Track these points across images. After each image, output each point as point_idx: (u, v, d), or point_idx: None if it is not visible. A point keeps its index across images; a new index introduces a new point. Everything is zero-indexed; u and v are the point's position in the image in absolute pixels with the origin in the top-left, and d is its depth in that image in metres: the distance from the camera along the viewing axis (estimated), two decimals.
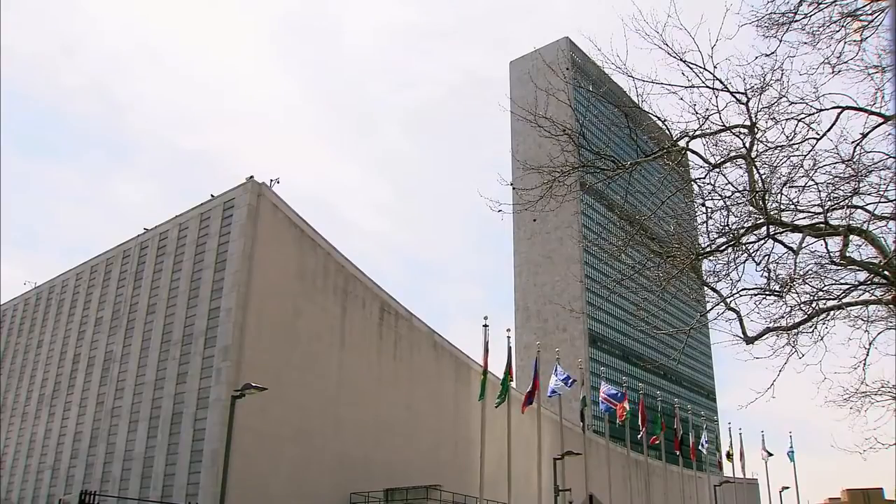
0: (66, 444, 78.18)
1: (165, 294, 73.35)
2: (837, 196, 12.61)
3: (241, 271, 66.25)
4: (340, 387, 69.05)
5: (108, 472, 70.36)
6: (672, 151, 13.41)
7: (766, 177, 12.72)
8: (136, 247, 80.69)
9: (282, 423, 61.34)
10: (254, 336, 64.39)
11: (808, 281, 13.50)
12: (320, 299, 71.19)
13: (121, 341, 76.49)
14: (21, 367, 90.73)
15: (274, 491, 53.42)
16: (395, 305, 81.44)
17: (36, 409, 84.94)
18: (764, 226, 12.81)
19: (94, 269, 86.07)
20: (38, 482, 79.79)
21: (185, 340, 68.45)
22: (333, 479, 64.00)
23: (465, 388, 79.62)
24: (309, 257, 72.06)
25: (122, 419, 72.02)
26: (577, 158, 13.60)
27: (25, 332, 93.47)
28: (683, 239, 14.28)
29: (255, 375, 27.46)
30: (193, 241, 73.13)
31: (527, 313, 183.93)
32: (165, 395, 67.99)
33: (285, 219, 71.74)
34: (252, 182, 70.48)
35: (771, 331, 13.76)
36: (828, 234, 12.81)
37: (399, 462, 69.39)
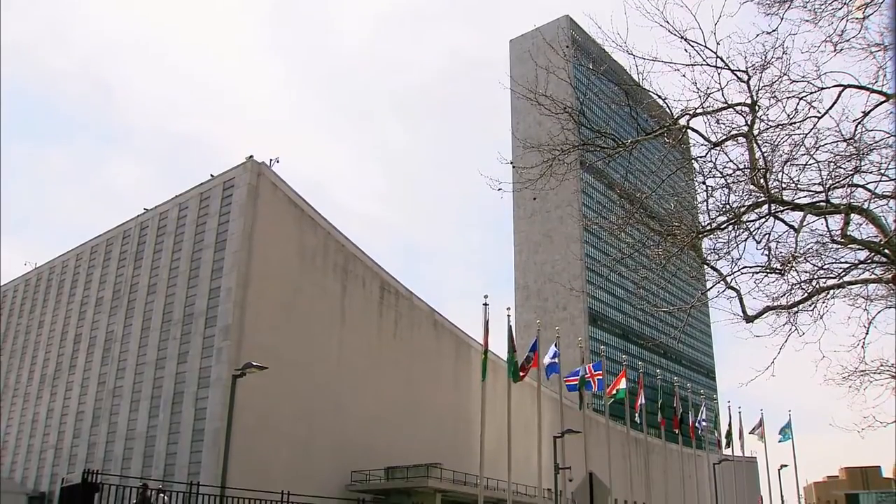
0: (68, 424, 78.49)
1: (166, 274, 73.38)
2: (838, 175, 12.56)
3: (242, 251, 66.23)
4: (341, 365, 69.22)
5: (111, 452, 70.69)
6: (672, 130, 13.35)
7: (768, 155, 12.68)
8: (136, 227, 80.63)
9: (283, 401, 61.53)
10: (254, 315, 64.48)
11: (809, 259, 13.48)
12: (320, 278, 71.22)
13: (121, 321, 76.60)
14: (22, 348, 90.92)
15: (275, 469, 53.65)
16: (395, 284, 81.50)
17: (38, 389, 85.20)
18: (765, 204, 12.77)
19: (95, 249, 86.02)
20: (42, 461, 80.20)
21: (186, 320, 68.56)
22: (334, 458, 64.29)
23: (465, 366, 79.83)
24: (309, 236, 72.01)
25: (123, 399, 72.26)
26: (578, 137, 13.54)
27: (26, 312, 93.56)
28: (684, 217, 14.24)
29: (256, 354, 27.54)
30: (193, 221, 73.06)
31: (527, 292, 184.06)
32: (166, 374, 68.18)
33: (285, 198, 71.63)
34: (252, 162, 70.30)
35: (771, 309, 13.76)
36: (829, 213, 12.77)
37: (399, 440, 69.69)
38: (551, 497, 44.80)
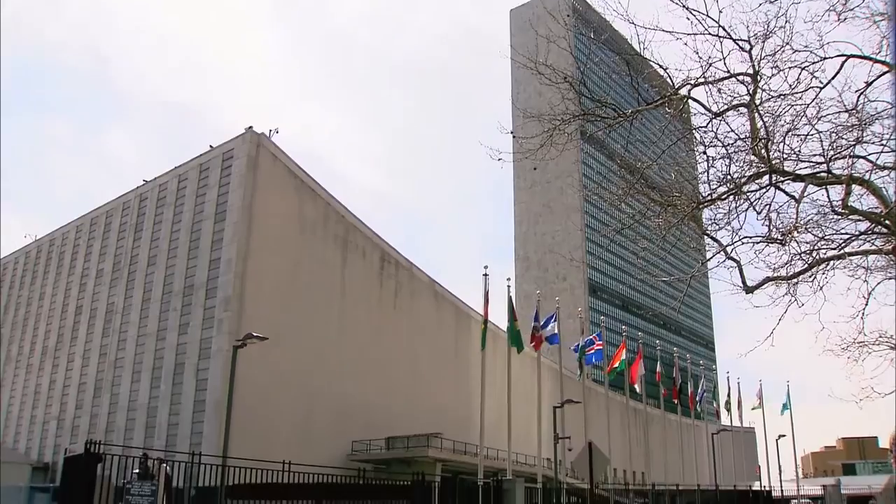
0: (70, 395, 78.90)
1: (166, 245, 73.39)
2: (840, 145, 12.49)
3: (241, 222, 66.20)
4: (341, 336, 69.40)
5: (113, 423, 71.13)
6: (673, 99, 13.26)
7: (769, 125, 12.60)
8: (136, 199, 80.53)
9: (284, 372, 61.77)
10: (254, 286, 64.57)
11: (810, 230, 13.46)
12: (320, 249, 71.23)
13: (122, 293, 76.74)
14: (24, 320, 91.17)
15: (277, 440, 54.01)
16: (395, 255, 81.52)
17: (40, 360, 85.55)
18: (766, 174, 12.72)
19: (94, 221, 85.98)
20: (45, 432, 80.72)
21: (186, 291, 68.68)
22: (335, 428, 64.65)
23: (465, 337, 80.00)
24: (309, 207, 71.92)
25: (125, 370, 72.57)
26: (578, 106, 13.45)
27: (27, 285, 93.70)
28: (684, 188, 14.20)
29: (257, 325, 27.65)
30: (193, 193, 72.96)
31: (527, 263, 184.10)
32: (167, 345, 68.41)
33: (284, 169, 71.47)
34: (251, 132, 70.06)
35: (771, 280, 13.76)
36: (830, 183, 12.73)
37: (400, 411, 70.03)
38: (551, 466, 45.14)
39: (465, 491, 24.91)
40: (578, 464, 22.32)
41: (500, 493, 24.55)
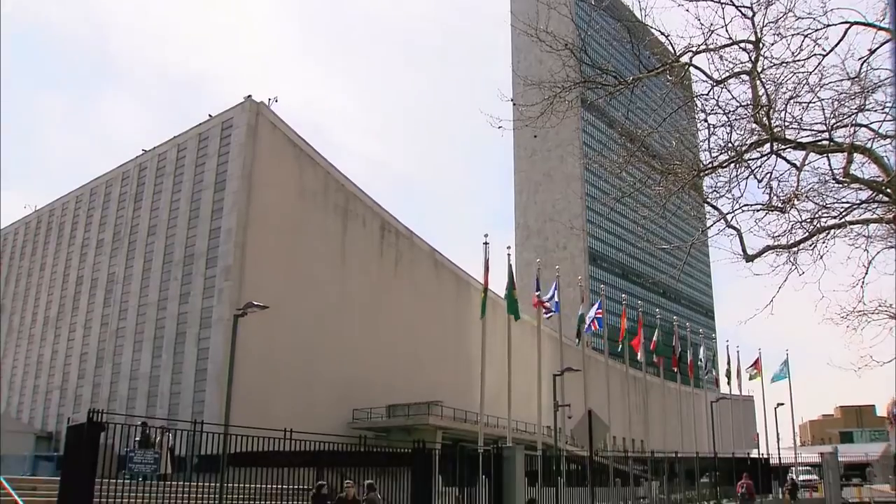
0: (72, 365, 79.31)
1: (166, 215, 73.38)
2: (842, 113, 12.42)
3: (241, 191, 66.14)
4: (342, 304, 69.58)
5: (115, 392, 71.57)
6: (675, 67, 13.16)
7: (771, 93, 12.51)
8: (135, 168, 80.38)
9: (285, 341, 62.00)
10: (255, 255, 64.65)
11: (811, 198, 13.43)
12: (321, 218, 71.20)
13: (122, 263, 76.85)
14: (25, 290, 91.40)
15: (278, 408, 54.34)
16: (396, 224, 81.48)
17: (42, 331, 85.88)
18: (767, 142, 12.66)
19: (94, 191, 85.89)
20: (48, 402, 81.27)
21: (187, 261, 68.78)
22: (336, 396, 65.02)
23: (465, 305, 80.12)
24: (308, 176, 71.79)
25: (126, 340, 72.87)
26: (579, 74, 13.36)
27: (28, 255, 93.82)
28: (685, 156, 14.14)
29: (257, 294, 27.74)
30: (192, 162, 72.83)
31: (527, 231, 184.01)
32: (168, 315, 68.63)
33: (284, 138, 71.26)
34: (250, 101, 69.77)
35: (771, 249, 13.75)
36: (831, 152, 12.68)
37: (400, 379, 70.37)
38: (551, 434, 45.47)
39: (465, 458, 25.07)
40: (578, 431, 22.49)
41: (500, 461, 24.71)
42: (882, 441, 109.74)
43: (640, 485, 38.51)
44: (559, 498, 28.07)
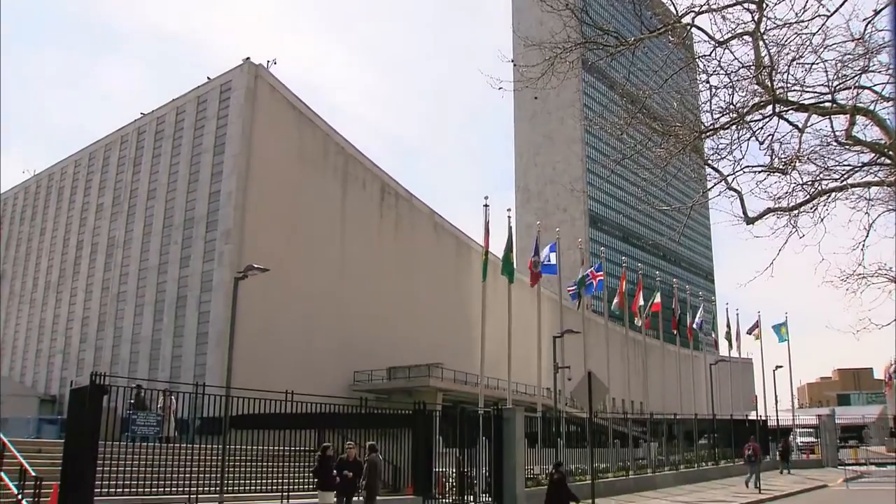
0: (74, 329, 79.62)
1: (165, 178, 73.22)
2: (845, 75, 12.29)
3: (241, 154, 65.95)
4: (342, 267, 69.71)
5: (117, 356, 71.95)
6: (677, 27, 13.02)
7: (774, 54, 12.38)
8: (134, 132, 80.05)
9: (285, 304, 62.19)
10: (255, 219, 64.62)
11: (812, 160, 13.36)
12: (320, 180, 71.05)
13: (122, 227, 76.85)
14: (26, 255, 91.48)
15: (279, 370, 54.61)
16: (395, 186, 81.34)
17: (43, 295, 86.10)
18: (769, 104, 12.56)
19: (93, 155, 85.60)
20: (51, 366, 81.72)
21: (187, 224, 68.77)
22: (337, 359, 65.38)
23: (465, 267, 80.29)
24: (308, 139, 71.53)
25: (127, 303, 73.10)
26: (580, 34, 13.22)
27: (27, 220, 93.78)
28: (686, 117, 14.05)
29: (257, 258, 27.75)
30: (191, 125, 72.52)
31: (527, 194, 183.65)
32: (169, 279, 68.77)
33: (283, 100, 70.89)
34: (249, 64, 69.30)
35: (772, 211, 13.72)
36: (834, 113, 12.58)
37: (401, 341, 70.68)
38: (550, 396, 45.78)
39: (465, 419, 25.25)
40: (578, 393, 22.61)
41: (500, 422, 24.88)
42: (879, 403, 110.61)
43: (638, 446, 38.79)
44: (559, 458, 28.29)
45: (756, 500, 28.46)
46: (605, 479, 29.85)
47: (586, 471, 26.63)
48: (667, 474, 34.81)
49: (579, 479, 27.72)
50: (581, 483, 26.64)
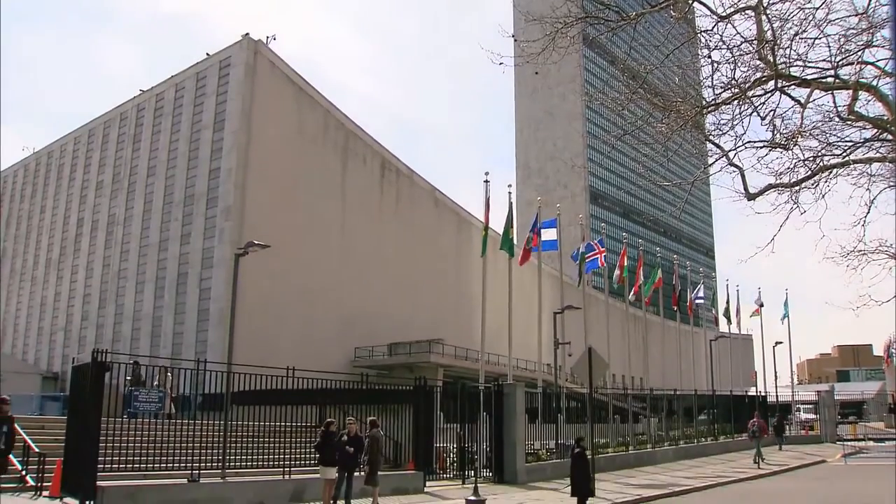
0: (75, 307, 79.80)
1: (165, 155, 73.08)
2: (848, 50, 12.21)
3: (241, 131, 65.77)
4: (343, 243, 69.73)
5: (119, 333, 72.13)
6: (679, 1, 12.92)
7: (776, 29, 12.29)
8: (133, 109, 79.79)
9: (286, 280, 62.29)
10: (255, 195, 64.56)
11: (814, 136, 13.31)
12: (321, 157, 70.91)
13: (123, 204, 76.81)
14: (26, 233, 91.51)
15: (281, 347, 54.76)
16: (396, 162, 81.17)
17: (44, 273, 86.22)
18: (771, 79, 12.49)
19: (92, 132, 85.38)
20: (53, 343, 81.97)
21: (187, 201, 68.72)
22: (338, 334, 65.56)
23: (466, 243, 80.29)
24: (308, 115, 71.30)
25: (128, 281, 73.20)
26: (581, 9, 13.12)
27: (28, 197, 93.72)
28: (687, 93, 13.98)
29: (258, 234, 27.74)
30: (191, 102, 72.26)
31: (527, 170, 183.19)
32: (170, 256, 68.82)
33: (283, 76, 70.60)
34: (248, 39, 68.94)
35: (773, 187, 13.70)
36: (836, 88, 12.51)
37: (402, 317, 70.86)
38: (551, 372, 45.93)
39: (466, 395, 25.35)
40: (578, 369, 22.64)
41: (500, 398, 24.98)
42: (878, 380, 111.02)
43: (638, 422, 38.99)
44: (559, 434, 28.45)
45: (754, 475, 28.63)
46: (606, 455, 30.02)
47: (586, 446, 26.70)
48: (666, 449, 34.99)
49: None
50: None
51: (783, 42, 12.29)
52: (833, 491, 24.63)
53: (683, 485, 24.10)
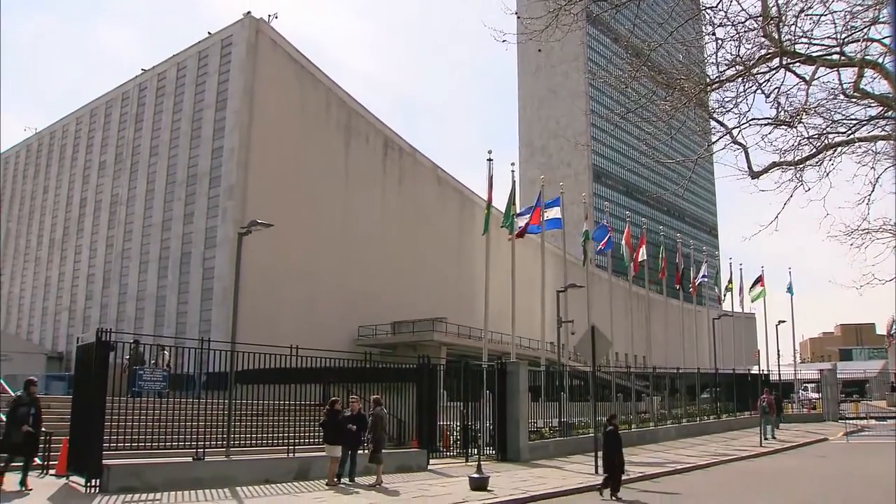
0: (80, 287, 79.99)
1: (167, 135, 72.97)
2: (854, 27, 12.12)
3: (243, 110, 65.59)
4: (346, 223, 69.72)
5: (123, 312, 72.32)
6: None
7: (781, 5, 12.19)
8: (135, 89, 79.57)
9: (290, 260, 62.37)
10: (258, 175, 64.49)
11: (819, 113, 13.24)
12: (323, 136, 70.75)
13: (125, 184, 76.79)
14: (29, 213, 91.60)
15: (284, 326, 54.95)
16: (399, 141, 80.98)
17: (48, 253, 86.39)
18: (776, 56, 12.41)
19: (94, 112, 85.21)
20: (57, 323, 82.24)
21: (190, 181, 68.68)
22: (341, 314, 65.70)
23: (469, 222, 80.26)
24: (310, 93, 71.06)
25: (132, 260, 73.31)
26: None
27: (30, 178, 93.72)
28: (691, 70, 13.91)
29: (261, 213, 27.71)
30: (193, 81, 72.05)
31: (531, 149, 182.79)
32: (173, 235, 68.88)
33: (285, 55, 70.31)
34: (249, 17, 68.63)
35: (777, 165, 13.66)
36: (842, 66, 12.43)
37: (405, 296, 70.97)
38: (554, 350, 46.03)
39: (469, 374, 25.41)
40: (581, 347, 22.67)
41: (503, 376, 25.04)
42: (881, 359, 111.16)
43: (641, 400, 39.05)
44: (562, 412, 28.53)
45: (755, 453, 28.71)
46: None
47: (589, 424, 26.82)
48: (669, 428, 35.09)
49: (582, 432, 27.98)
50: (584, 436, 26.91)
51: (788, 18, 12.21)
52: (834, 469, 24.72)
53: (686, 462, 24.19)
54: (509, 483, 18.66)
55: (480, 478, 17.34)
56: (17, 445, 15.06)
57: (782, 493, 18.87)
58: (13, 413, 15.24)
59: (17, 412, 15.21)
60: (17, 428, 15.06)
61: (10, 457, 15.09)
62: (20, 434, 15.05)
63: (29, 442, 15.35)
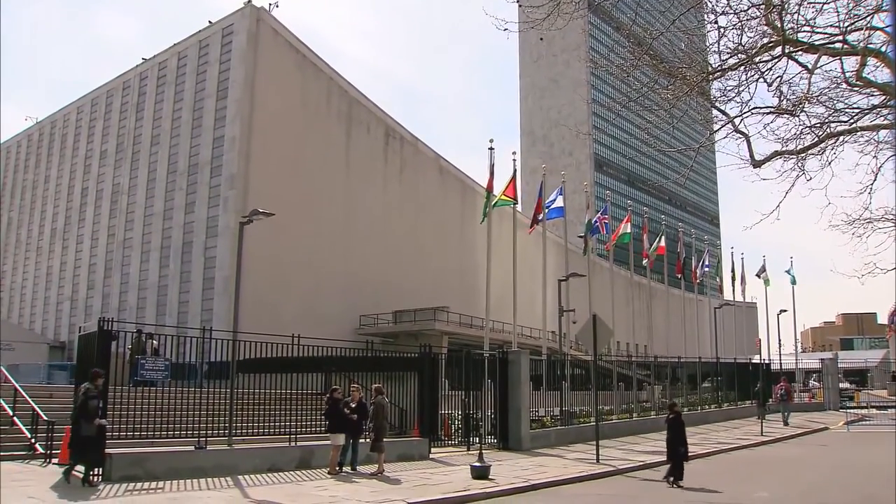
0: (81, 276, 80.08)
1: (168, 124, 72.88)
2: (857, 15, 12.07)
3: (244, 99, 65.49)
4: (347, 212, 69.68)
5: (125, 302, 72.40)
6: None
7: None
8: (136, 78, 79.43)
9: (291, 249, 62.36)
10: (259, 164, 64.42)
11: (821, 101, 13.20)
12: (324, 125, 70.64)
13: (127, 173, 76.76)
14: (31, 203, 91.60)
15: (286, 315, 55.01)
16: (400, 130, 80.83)
17: (49, 243, 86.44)
18: (778, 45, 12.37)
19: (95, 101, 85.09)
20: (59, 313, 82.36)
21: (191, 170, 68.64)
22: (343, 303, 65.73)
23: (471, 211, 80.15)
24: (311, 82, 70.92)
25: (133, 250, 73.33)
26: None
27: (31, 167, 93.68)
28: (693, 59, 13.86)
29: (262, 203, 27.68)
30: (194, 70, 71.91)
31: (532, 138, 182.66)
32: (175, 224, 68.87)
33: (286, 44, 70.15)
34: (250, 6, 68.45)
35: (779, 154, 13.63)
36: (845, 54, 12.39)
37: (407, 285, 70.98)
38: (555, 339, 46.09)
39: (471, 362, 25.45)
40: (582, 336, 22.70)
41: (505, 365, 25.09)
42: (882, 348, 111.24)
43: (642, 389, 39.13)
44: (563, 401, 28.59)
45: (757, 441, 28.78)
46: (610, 422, 30.17)
47: (590, 413, 26.88)
48: None
49: (583, 421, 28.04)
50: (585, 425, 26.97)
51: (791, 7, 12.16)
52: (835, 457, 24.79)
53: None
54: (511, 472, 18.73)
55: (482, 466, 17.40)
56: (89, 439, 14.69)
57: (783, 480, 18.93)
58: (84, 406, 14.82)
59: (87, 405, 14.80)
60: (88, 421, 14.71)
61: (82, 451, 14.78)
62: (93, 427, 14.71)
63: (101, 436, 15.04)
